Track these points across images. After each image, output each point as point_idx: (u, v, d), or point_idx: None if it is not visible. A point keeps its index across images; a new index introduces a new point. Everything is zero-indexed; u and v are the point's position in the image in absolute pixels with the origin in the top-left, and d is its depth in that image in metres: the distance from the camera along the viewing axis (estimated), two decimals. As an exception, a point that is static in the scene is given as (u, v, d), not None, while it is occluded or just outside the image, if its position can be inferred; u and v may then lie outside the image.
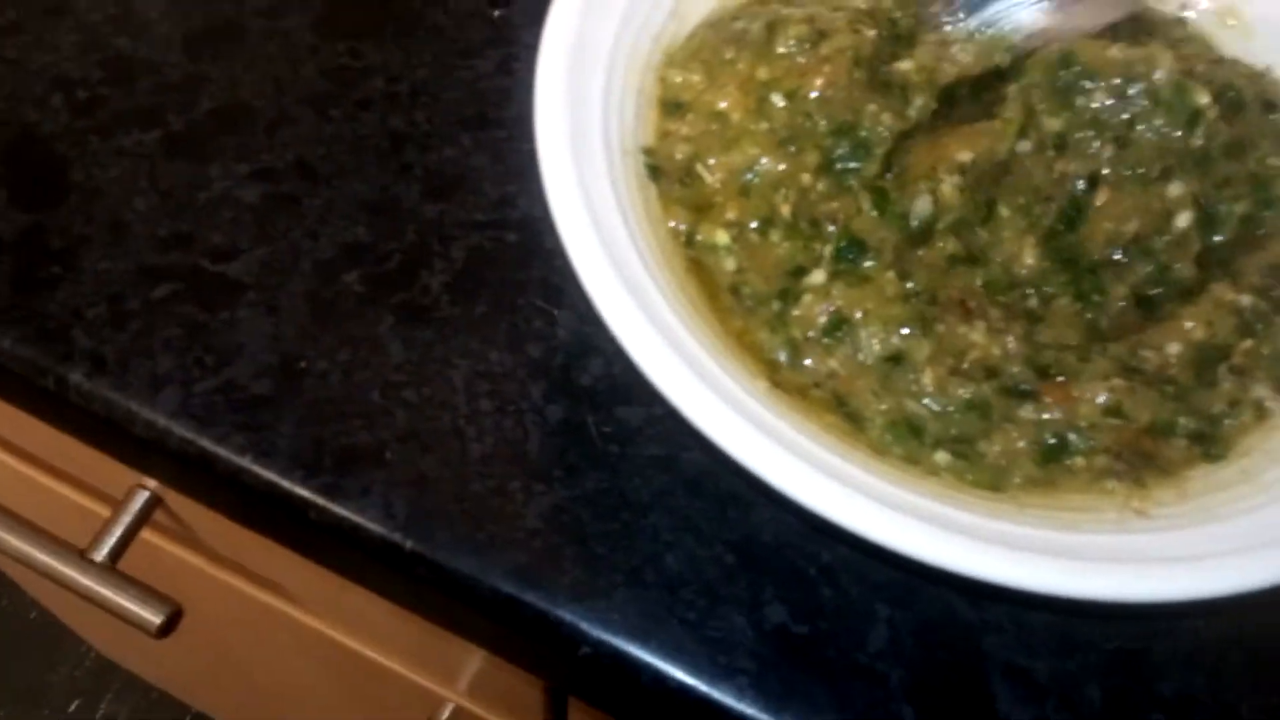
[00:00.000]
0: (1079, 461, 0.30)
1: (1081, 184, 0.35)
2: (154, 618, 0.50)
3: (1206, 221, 0.35)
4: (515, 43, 0.43)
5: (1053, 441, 0.30)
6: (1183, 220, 0.34)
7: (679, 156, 0.34)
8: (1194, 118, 0.37)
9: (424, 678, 0.61)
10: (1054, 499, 0.29)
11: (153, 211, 0.39)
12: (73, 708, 1.24)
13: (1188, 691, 0.33)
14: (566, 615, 0.34)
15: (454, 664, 0.57)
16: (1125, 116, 0.37)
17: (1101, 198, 0.35)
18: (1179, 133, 0.37)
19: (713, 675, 0.33)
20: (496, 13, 0.44)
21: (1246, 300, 0.33)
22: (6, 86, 0.41)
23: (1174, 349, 0.32)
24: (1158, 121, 0.37)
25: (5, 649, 1.26)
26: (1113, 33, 0.40)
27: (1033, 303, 0.34)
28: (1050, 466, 0.30)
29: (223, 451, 0.35)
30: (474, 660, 0.55)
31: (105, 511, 0.57)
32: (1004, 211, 0.35)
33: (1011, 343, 0.32)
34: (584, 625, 0.34)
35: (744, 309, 0.34)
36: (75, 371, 0.36)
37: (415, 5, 0.44)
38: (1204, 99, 0.35)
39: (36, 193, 0.39)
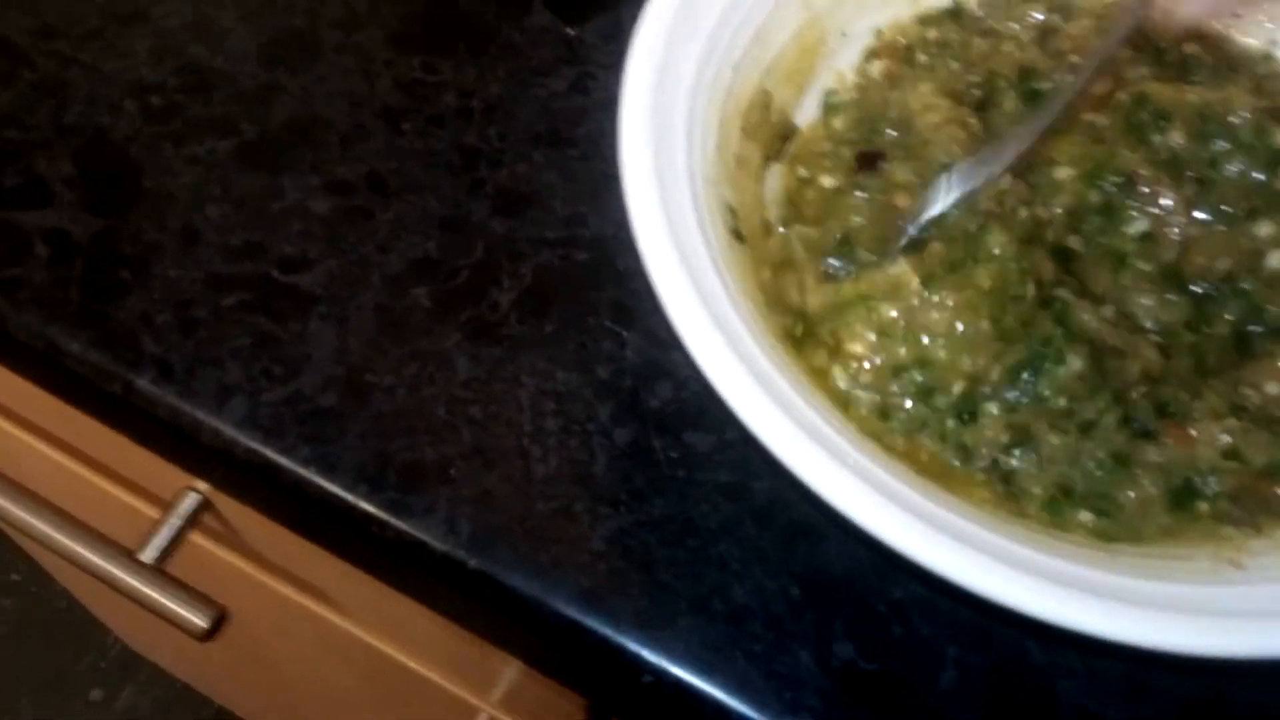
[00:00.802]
0: (1203, 507, 0.29)
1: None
2: (200, 621, 0.49)
3: None
4: (589, 62, 0.43)
5: (1180, 486, 0.30)
6: (1274, 260, 0.34)
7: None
8: (1276, 158, 0.36)
9: (459, 687, 0.61)
10: (1152, 547, 0.28)
11: (224, 220, 0.39)
12: (96, 697, 1.24)
13: (1262, 745, 0.32)
14: (630, 642, 0.33)
15: (490, 675, 0.57)
16: (1205, 156, 0.37)
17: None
18: (1263, 175, 0.36)
19: (778, 711, 0.32)
20: (571, 31, 0.43)
21: None
22: (82, 91, 0.41)
23: (1273, 389, 0.31)
24: (1239, 163, 0.36)
25: (33, 636, 1.27)
26: (1195, 69, 0.40)
27: (1150, 335, 0.33)
28: (1179, 513, 0.30)
29: (288, 463, 0.35)
30: (510, 672, 0.55)
31: (153, 512, 0.57)
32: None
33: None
34: (647, 653, 0.33)
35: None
36: (143, 377, 0.36)
37: (490, 22, 0.44)
38: None
39: (109, 197, 0.39)
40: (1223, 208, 0.36)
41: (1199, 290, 0.34)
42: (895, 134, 0.36)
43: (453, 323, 0.38)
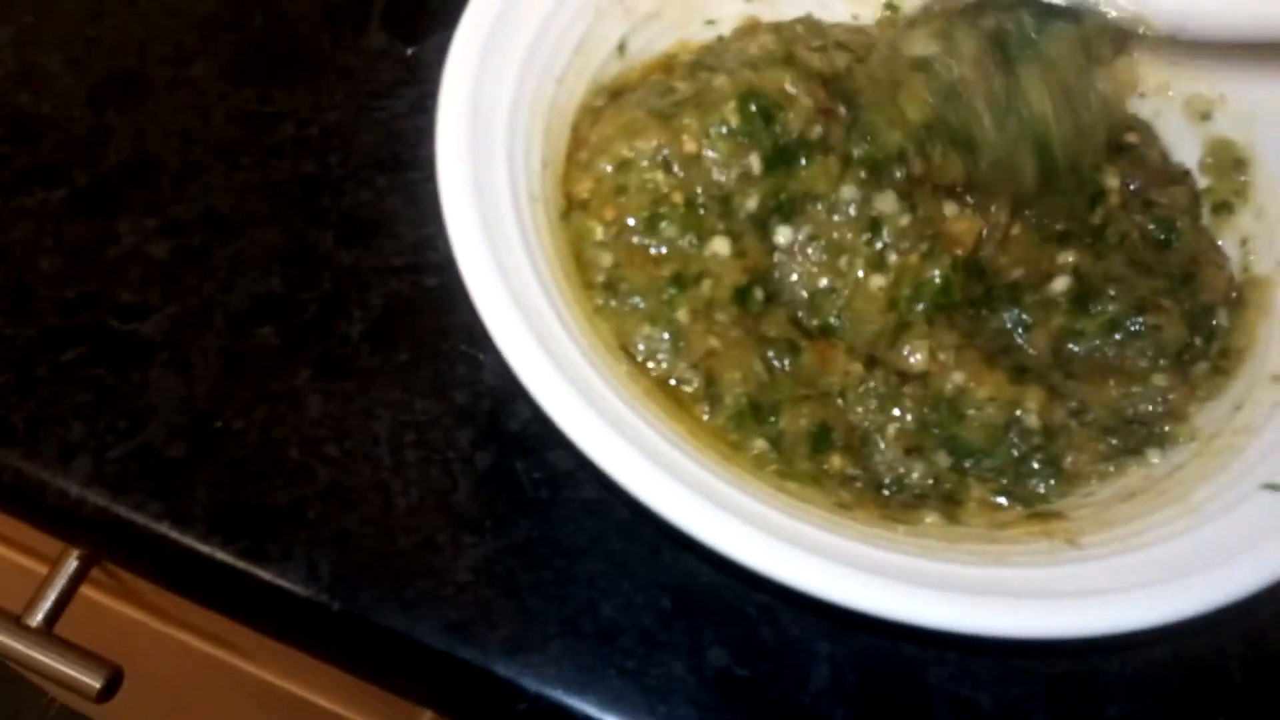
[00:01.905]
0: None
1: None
2: (93, 682, 0.48)
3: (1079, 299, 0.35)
4: (429, 81, 0.42)
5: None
6: (1059, 285, 0.34)
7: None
8: (1099, 197, 0.36)
9: (381, 722, 0.60)
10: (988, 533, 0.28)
11: (58, 272, 0.38)
12: (40, 758, 1.21)
13: (1136, 713, 0.32)
14: (502, 670, 0.33)
15: (407, 710, 0.56)
16: None
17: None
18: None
19: (653, 725, 0.32)
20: (409, 51, 0.43)
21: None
22: (-97, 148, 0.40)
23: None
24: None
25: (-32, 701, 1.24)
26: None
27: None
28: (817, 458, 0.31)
29: (139, 519, 0.34)
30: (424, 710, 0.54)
31: (43, 569, 0.55)
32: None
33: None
34: (521, 680, 0.33)
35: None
36: (-18, 444, 0.35)
37: (325, 46, 0.43)
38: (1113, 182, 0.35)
39: (-63, 258, 0.38)
40: (1045, 220, 0.36)
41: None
42: None
43: (302, 359, 0.37)
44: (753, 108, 0.33)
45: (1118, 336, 0.34)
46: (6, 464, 0.35)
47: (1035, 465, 0.31)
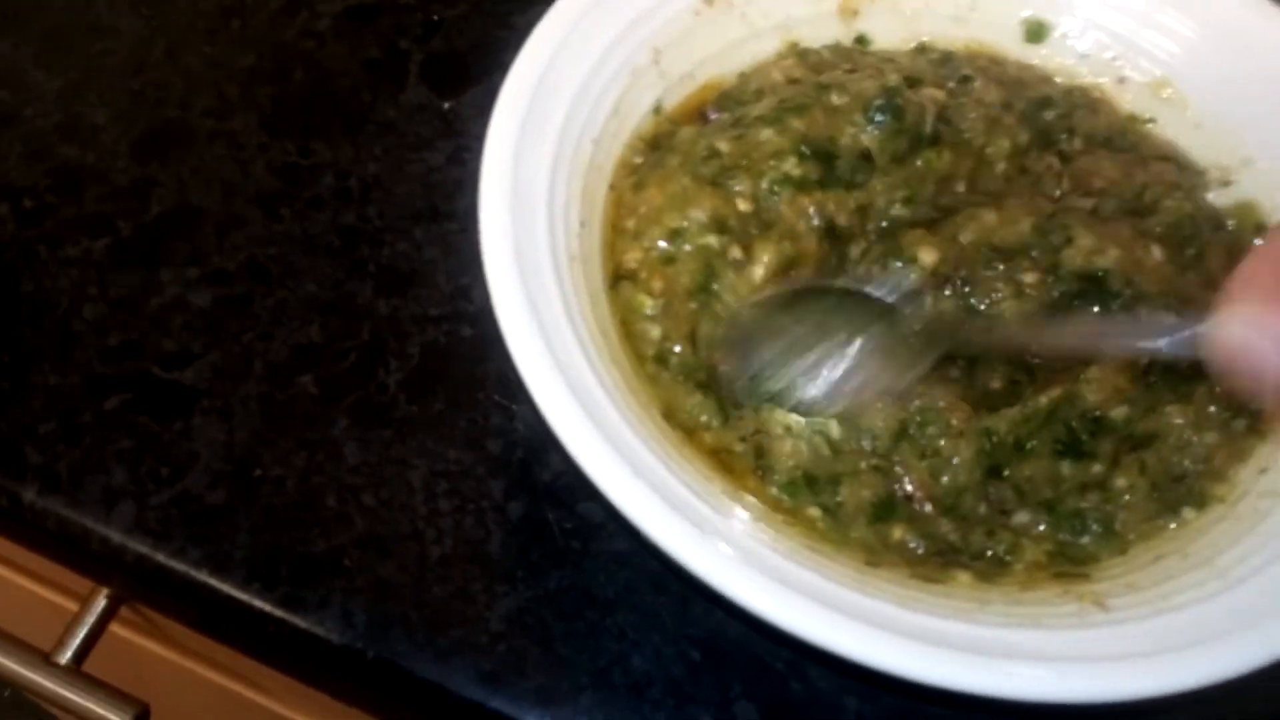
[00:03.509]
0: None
1: None
2: (121, 720, 0.49)
3: None
4: (465, 134, 0.43)
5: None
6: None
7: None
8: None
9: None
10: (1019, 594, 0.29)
11: (102, 320, 0.39)
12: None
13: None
14: (533, 720, 0.33)
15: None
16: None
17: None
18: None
19: (682, 779, 0.32)
20: (446, 105, 0.44)
21: None
22: (-47, 196, 0.41)
23: None
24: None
25: (-19, 729, 1.24)
26: None
27: None
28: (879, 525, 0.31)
29: (179, 566, 0.35)
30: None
31: (73, 605, 0.56)
32: None
33: None
34: (551, 731, 0.33)
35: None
36: (28, 490, 0.36)
37: (365, 99, 0.44)
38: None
39: (-15, 305, 0.39)
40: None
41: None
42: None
43: (340, 408, 0.38)
44: (806, 150, 0.34)
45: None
46: (50, 511, 0.36)
47: (1092, 525, 0.31)
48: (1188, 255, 0.35)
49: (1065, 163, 0.37)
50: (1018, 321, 0.33)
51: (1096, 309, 0.33)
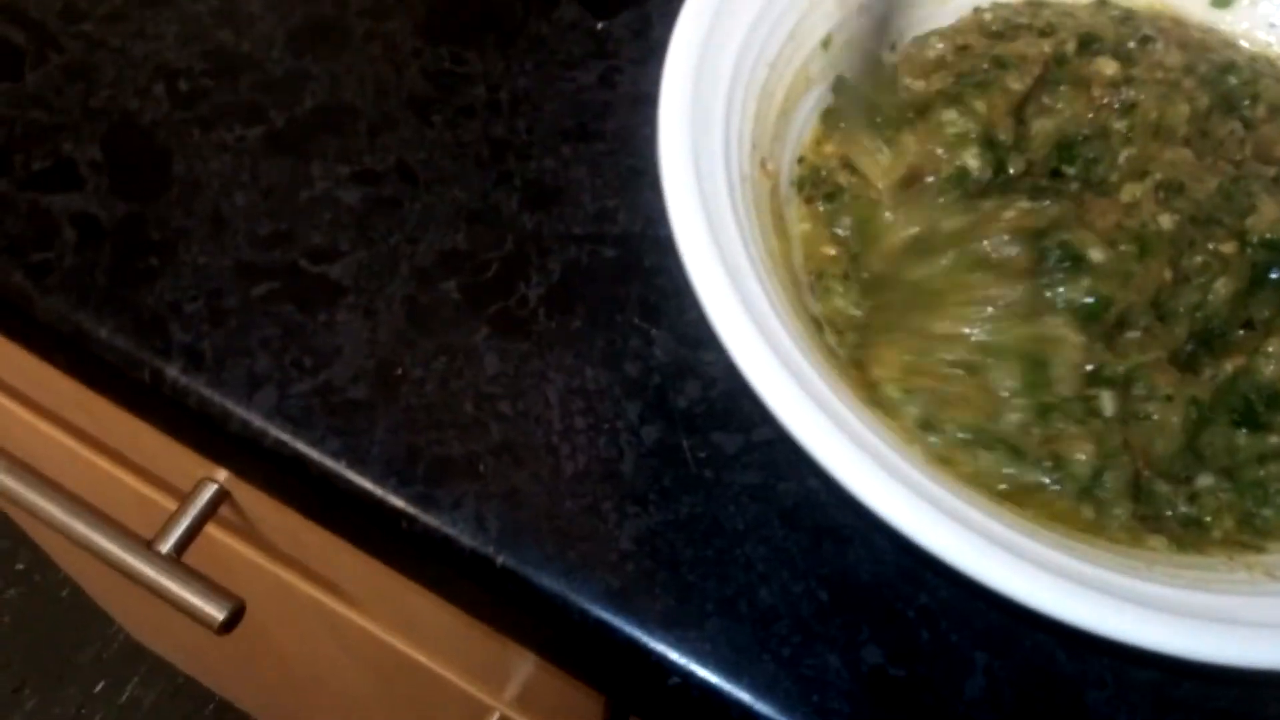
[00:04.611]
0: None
1: None
2: (217, 614, 0.49)
3: None
4: (617, 56, 0.43)
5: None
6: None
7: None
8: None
9: (472, 686, 0.61)
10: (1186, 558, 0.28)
11: (253, 208, 0.39)
12: (99, 688, 1.24)
13: (1292, 758, 0.32)
14: (657, 643, 0.33)
15: (505, 673, 0.57)
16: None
17: None
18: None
19: (806, 714, 0.32)
20: (599, 25, 0.43)
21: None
22: (109, 74, 0.41)
23: None
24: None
25: (35, 626, 1.27)
26: None
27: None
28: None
29: (317, 455, 0.35)
30: (526, 671, 0.55)
31: (169, 503, 0.56)
32: None
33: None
34: (675, 655, 0.33)
35: None
36: (172, 366, 0.36)
37: (518, 14, 0.43)
38: None
39: (137, 182, 0.39)
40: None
41: None
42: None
43: (481, 317, 0.37)
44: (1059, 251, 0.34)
45: None
46: (192, 390, 0.36)
47: (1274, 496, 0.30)
48: None
49: (1248, 129, 0.36)
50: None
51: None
